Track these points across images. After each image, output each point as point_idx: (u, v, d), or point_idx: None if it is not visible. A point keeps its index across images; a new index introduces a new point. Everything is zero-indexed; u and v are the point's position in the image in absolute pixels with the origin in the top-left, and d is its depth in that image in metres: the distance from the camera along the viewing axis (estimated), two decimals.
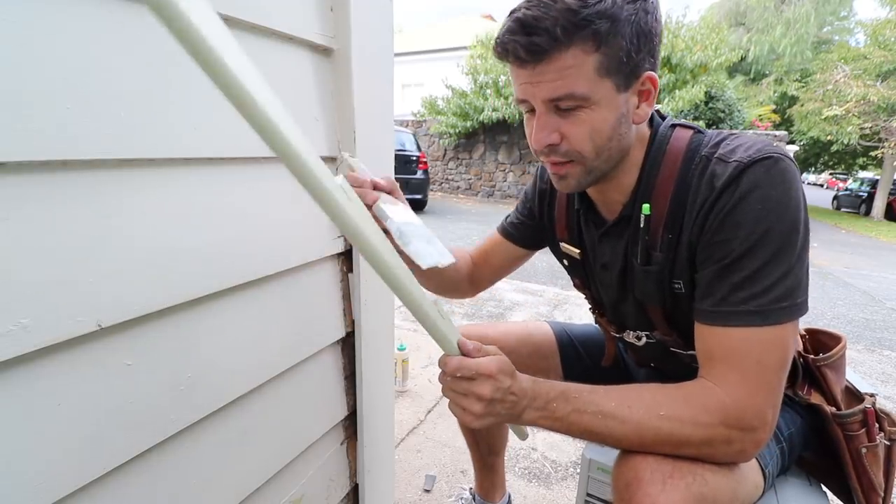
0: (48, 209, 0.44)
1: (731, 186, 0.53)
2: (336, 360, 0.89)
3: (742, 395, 0.52)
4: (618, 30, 0.50)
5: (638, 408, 0.53)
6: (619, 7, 0.50)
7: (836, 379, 0.73)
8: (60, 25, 0.43)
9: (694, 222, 0.57)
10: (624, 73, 0.53)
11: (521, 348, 0.92)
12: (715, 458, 0.54)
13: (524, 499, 1.32)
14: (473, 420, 0.53)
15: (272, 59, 0.67)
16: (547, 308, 3.07)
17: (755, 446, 0.54)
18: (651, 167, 0.62)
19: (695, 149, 0.59)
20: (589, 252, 0.76)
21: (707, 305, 0.56)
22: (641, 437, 0.53)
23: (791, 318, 0.53)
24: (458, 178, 11.08)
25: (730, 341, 0.54)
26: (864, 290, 4.47)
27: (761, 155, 0.53)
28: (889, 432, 0.71)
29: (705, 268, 0.57)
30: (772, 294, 0.52)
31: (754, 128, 9.50)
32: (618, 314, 0.78)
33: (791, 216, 0.52)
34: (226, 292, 0.64)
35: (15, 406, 0.44)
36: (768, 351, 0.53)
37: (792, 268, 0.52)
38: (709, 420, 0.52)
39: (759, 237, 0.52)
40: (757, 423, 0.53)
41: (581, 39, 0.50)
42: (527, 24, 0.50)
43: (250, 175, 0.67)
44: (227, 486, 0.69)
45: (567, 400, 0.54)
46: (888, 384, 2.32)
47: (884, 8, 12.83)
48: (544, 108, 0.55)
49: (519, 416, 0.55)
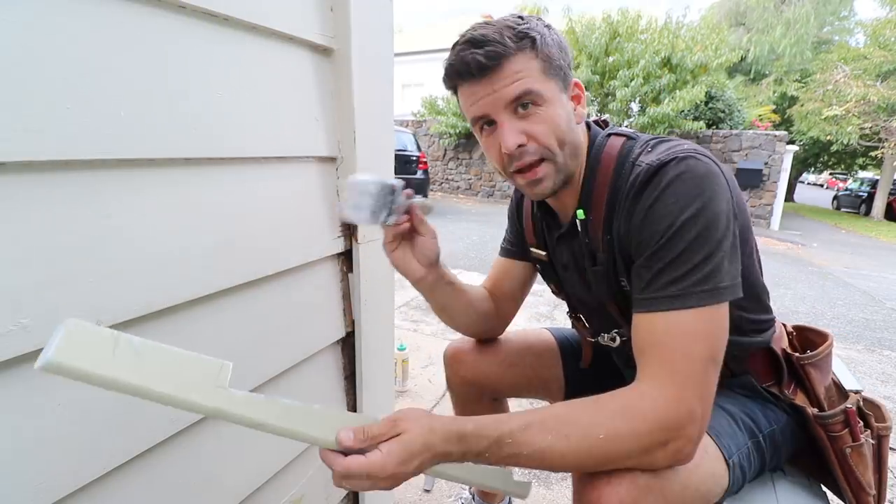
0: (48, 209, 0.44)
1: (647, 187, 0.58)
2: (336, 360, 0.89)
3: (672, 392, 0.53)
4: (546, 41, 0.61)
5: (576, 436, 0.52)
6: (540, 28, 0.61)
7: (821, 378, 0.73)
8: (60, 25, 0.43)
9: (621, 223, 0.63)
10: (560, 77, 0.63)
11: (523, 361, 0.93)
12: (655, 464, 0.54)
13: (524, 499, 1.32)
14: (392, 486, 0.50)
15: (272, 59, 0.67)
16: (547, 308, 3.07)
17: (689, 443, 0.54)
18: (590, 175, 0.68)
19: (625, 155, 0.65)
20: (552, 254, 0.81)
21: (635, 293, 0.60)
22: (582, 464, 0.54)
23: (711, 301, 0.54)
24: (458, 178, 11.08)
25: (655, 328, 0.56)
26: (864, 290, 4.47)
27: (671, 156, 0.58)
28: (877, 429, 0.71)
29: (637, 265, 0.61)
30: (691, 278, 0.55)
31: (754, 128, 9.46)
32: (587, 314, 0.82)
33: (706, 206, 0.55)
34: (226, 292, 0.64)
35: (15, 406, 0.44)
36: (694, 340, 0.54)
37: (711, 253, 0.55)
38: (647, 428, 0.52)
39: (678, 228, 0.55)
40: (686, 420, 0.52)
41: (524, 47, 0.59)
42: (479, 40, 0.59)
43: (250, 175, 0.67)
44: (227, 487, 0.69)
45: (501, 446, 0.52)
46: (888, 384, 2.31)
47: (884, 8, 12.83)
48: (506, 114, 0.61)
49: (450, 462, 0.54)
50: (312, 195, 0.78)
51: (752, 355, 0.73)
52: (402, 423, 0.50)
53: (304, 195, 0.76)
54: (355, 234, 0.84)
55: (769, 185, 8.28)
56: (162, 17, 0.52)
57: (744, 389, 0.74)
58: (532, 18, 0.62)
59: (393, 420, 0.51)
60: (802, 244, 7.34)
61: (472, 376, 0.93)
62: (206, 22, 0.57)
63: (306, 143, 0.75)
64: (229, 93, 0.61)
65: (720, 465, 0.63)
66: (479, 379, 0.93)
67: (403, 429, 0.50)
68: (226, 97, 0.60)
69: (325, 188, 0.80)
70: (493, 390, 0.94)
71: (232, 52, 0.61)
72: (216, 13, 0.57)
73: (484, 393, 0.95)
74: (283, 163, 0.72)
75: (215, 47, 0.59)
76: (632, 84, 8.52)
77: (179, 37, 0.54)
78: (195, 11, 0.55)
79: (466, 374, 0.93)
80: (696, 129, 8.54)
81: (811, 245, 7.37)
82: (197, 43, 0.56)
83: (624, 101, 8.71)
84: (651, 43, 8.67)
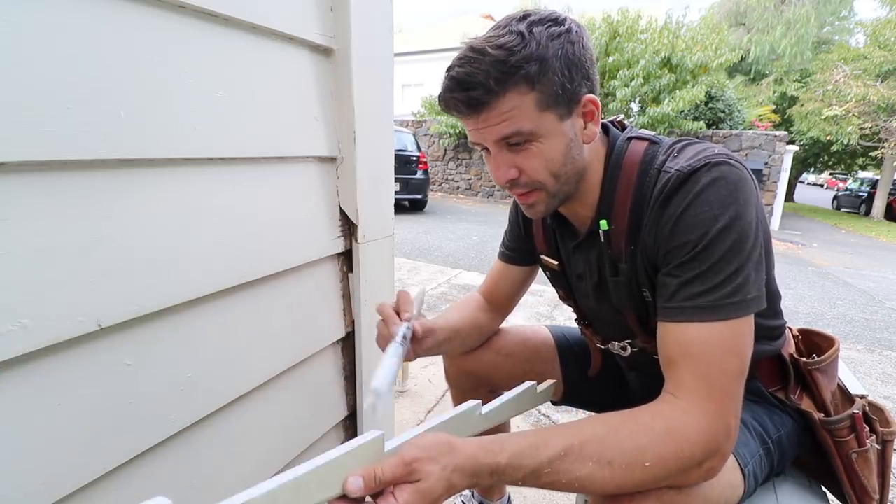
0: (48, 209, 0.44)
1: (677, 193, 0.56)
2: (336, 360, 0.89)
3: (714, 410, 0.52)
4: (547, 68, 0.54)
5: (619, 463, 0.50)
6: (545, 47, 0.54)
7: (827, 383, 0.72)
8: (60, 25, 0.43)
9: (648, 233, 0.60)
10: (563, 103, 0.57)
11: (520, 352, 0.93)
12: (687, 482, 0.53)
13: (524, 499, 1.32)
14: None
15: (272, 59, 0.67)
16: (547, 308, 3.07)
17: (722, 460, 0.53)
18: (610, 183, 0.64)
19: (649, 161, 0.62)
20: (566, 263, 0.79)
21: (661, 303, 0.58)
22: (622, 489, 0.51)
23: (740, 313, 0.54)
24: (458, 178, 11.08)
25: (688, 339, 0.54)
26: (864, 290, 4.47)
27: (702, 162, 0.55)
28: (882, 433, 0.71)
29: (662, 273, 0.59)
30: (723, 290, 0.53)
31: (754, 128, 9.46)
32: (600, 323, 0.80)
33: (739, 215, 0.54)
34: (226, 292, 0.64)
35: (15, 406, 0.44)
36: (729, 354, 0.53)
37: (742, 265, 0.54)
38: (691, 450, 0.51)
39: (712, 238, 0.54)
40: (724, 438, 0.52)
41: (514, 84, 0.54)
42: (462, 81, 0.54)
43: (250, 175, 0.67)
44: (228, 487, 0.69)
45: (539, 476, 0.49)
46: (888, 384, 2.31)
47: (884, 8, 12.83)
48: (497, 148, 0.59)
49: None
50: (312, 195, 0.78)
51: (761, 361, 0.72)
52: (418, 465, 0.44)
53: (304, 195, 0.76)
54: (355, 234, 0.84)
55: (769, 185, 8.28)
56: (162, 18, 0.52)
57: (751, 395, 0.73)
58: (539, 32, 0.54)
59: (407, 463, 0.44)
60: (802, 244, 7.34)
61: (469, 366, 0.93)
62: (206, 22, 0.57)
63: (306, 143, 0.75)
64: (229, 93, 0.61)
65: (737, 474, 0.62)
66: (476, 368, 0.93)
67: (421, 474, 0.44)
68: (226, 97, 0.60)
69: (325, 188, 0.80)
70: (489, 381, 0.94)
71: (232, 53, 0.61)
72: (216, 13, 0.57)
73: (481, 384, 0.95)
74: (282, 163, 0.72)
75: (215, 47, 0.59)
76: (632, 84, 8.51)
77: (179, 37, 0.54)
78: (195, 11, 0.55)
79: (463, 363, 0.93)
80: (696, 129, 8.54)
81: (811, 245, 7.37)
82: (197, 43, 0.56)
83: (624, 101, 8.70)
84: (651, 43, 8.66)
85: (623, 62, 8.71)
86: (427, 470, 0.44)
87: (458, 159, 10.99)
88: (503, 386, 0.99)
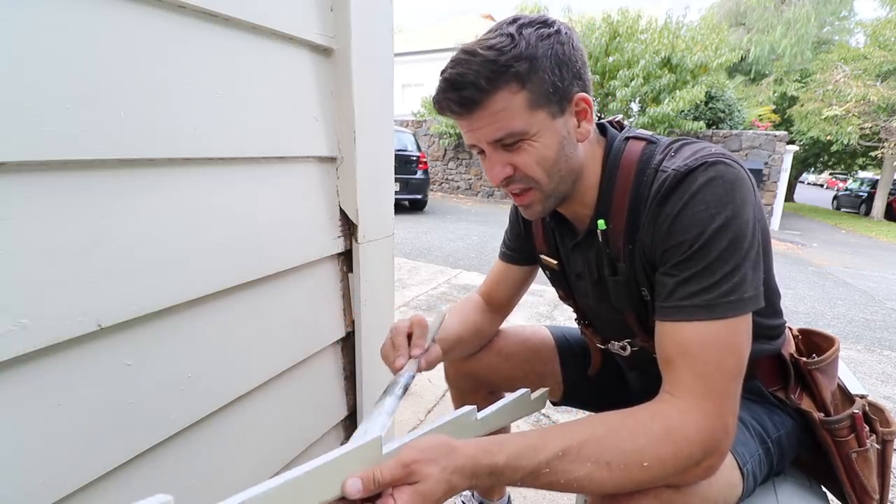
0: (48, 209, 0.44)
1: (674, 193, 0.56)
2: (336, 360, 0.89)
3: (711, 409, 0.52)
4: (537, 66, 0.55)
5: (617, 463, 0.50)
6: (534, 46, 0.55)
7: (827, 383, 0.72)
8: (60, 25, 0.43)
9: (646, 232, 0.60)
10: (554, 101, 0.58)
11: (520, 353, 0.93)
12: (685, 482, 0.53)
13: (524, 499, 1.32)
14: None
15: (272, 59, 0.67)
16: (547, 308, 3.07)
17: (720, 458, 0.53)
18: (607, 182, 0.65)
19: (646, 161, 0.62)
20: (565, 263, 0.79)
21: (659, 302, 0.59)
22: (620, 489, 0.52)
23: (737, 312, 0.54)
24: (458, 178, 11.08)
25: (686, 338, 0.55)
26: (864, 290, 4.47)
27: (699, 162, 0.55)
28: (882, 433, 0.71)
29: (660, 272, 0.59)
30: (720, 289, 0.54)
31: (754, 128, 9.46)
32: (599, 323, 0.81)
33: (736, 215, 0.54)
34: (226, 292, 0.64)
35: (15, 406, 0.44)
36: (726, 353, 0.53)
37: (739, 264, 0.54)
38: (689, 450, 0.51)
39: (709, 237, 0.54)
40: (722, 437, 0.52)
41: (505, 83, 0.55)
42: (454, 81, 0.56)
43: (250, 175, 0.67)
44: (227, 487, 0.69)
45: (537, 476, 0.50)
46: (888, 384, 2.31)
47: (884, 8, 12.83)
48: (491, 148, 0.60)
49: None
50: (312, 195, 0.78)
51: (760, 360, 0.72)
52: (417, 467, 0.44)
53: (304, 195, 0.76)
54: (355, 234, 0.84)
55: (769, 185, 8.28)
56: (162, 18, 0.52)
57: (751, 394, 0.73)
58: (529, 33, 0.56)
59: (406, 464, 0.44)
60: (802, 244, 7.34)
61: (469, 368, 0.93)
62: (206, 22, 0.57)
63: (306, 143, 0.75)
64: (229, 93, 0.61)
65: (735, 473, 0.62)
66: (476, 370, 0.93)
67: (420, 476, 0.44)
68: (226, 97, 0.60)
69: (325, 188, 0.80)
70: (489, 382, 0.94)
71: (232, 53, 0.61)
72: (216, 13, 0.57)
73: (481, 385, 0.95)
74: (283, 163, 0.72)
75: (215, 47, 0.59)
76: (632, 84, 8.51)
77: (179, 37, 0.54)
78: (195, 11, 0.55)
79: (463, 365, 0.93)
80: (696, 129, 8.54)
81: (811, 245, 7.36)
82: (197, 43, 0.56)
83: (624, 101, 8.70)
84: (651, 43, 8.66)
85: (623, 62, 8.71)
86: (426, 471, 0.44)
87: (458, 159, 10.99)
88: (503, 387, 0.99)
